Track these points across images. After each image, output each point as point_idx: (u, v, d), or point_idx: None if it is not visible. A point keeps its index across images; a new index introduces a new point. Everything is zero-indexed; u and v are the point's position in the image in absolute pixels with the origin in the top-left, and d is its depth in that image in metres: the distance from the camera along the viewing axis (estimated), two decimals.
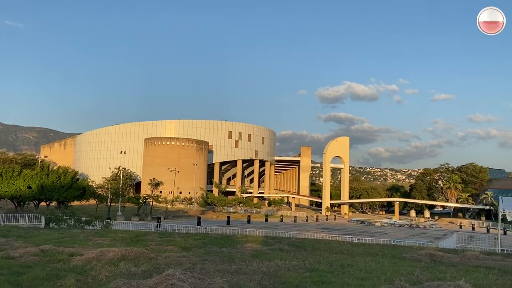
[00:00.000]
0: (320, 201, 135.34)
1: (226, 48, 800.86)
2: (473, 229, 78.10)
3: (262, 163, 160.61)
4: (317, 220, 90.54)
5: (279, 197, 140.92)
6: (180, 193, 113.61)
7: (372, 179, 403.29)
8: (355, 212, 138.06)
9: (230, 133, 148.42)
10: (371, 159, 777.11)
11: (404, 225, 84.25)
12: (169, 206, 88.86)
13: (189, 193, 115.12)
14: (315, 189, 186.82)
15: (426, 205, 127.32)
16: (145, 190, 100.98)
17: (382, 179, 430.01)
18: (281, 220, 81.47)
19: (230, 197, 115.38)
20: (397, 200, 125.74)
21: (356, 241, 31.22)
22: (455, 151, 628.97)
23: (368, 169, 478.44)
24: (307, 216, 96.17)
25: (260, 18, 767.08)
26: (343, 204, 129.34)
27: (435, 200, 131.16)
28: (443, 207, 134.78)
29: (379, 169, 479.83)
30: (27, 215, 40.12)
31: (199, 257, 15.43)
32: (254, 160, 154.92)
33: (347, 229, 60.04)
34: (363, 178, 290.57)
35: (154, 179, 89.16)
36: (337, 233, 43.19)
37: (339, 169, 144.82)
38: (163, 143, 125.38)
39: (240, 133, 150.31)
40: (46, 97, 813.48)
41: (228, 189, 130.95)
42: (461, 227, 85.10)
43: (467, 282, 10.55)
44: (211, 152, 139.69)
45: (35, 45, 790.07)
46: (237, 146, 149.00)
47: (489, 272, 14.10)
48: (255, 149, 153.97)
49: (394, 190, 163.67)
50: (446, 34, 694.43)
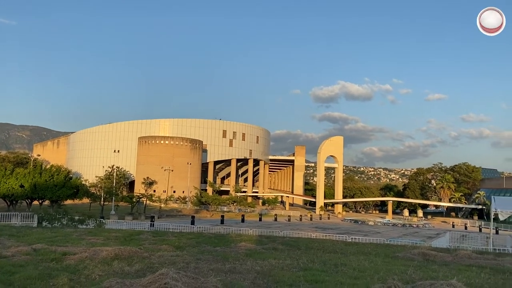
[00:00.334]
0: (314, 200, 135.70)
1: (220, 48, 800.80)
2: (466, 228, 78.77)
3: (256, 162, 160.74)
4: (311, 219, 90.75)
5: (273, 196, 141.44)
6: (174, 192, 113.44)
7: (365, 178, 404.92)
8: (348, 212, 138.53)
9: (225, 132, 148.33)
10: (365, 158, 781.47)
11: (398, 224, 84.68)
12: (163, 205, 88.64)
13: (183, 192, 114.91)
14: (309, 189, 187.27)
15: (419, 204, 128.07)
16: (139, 189, 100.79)
17: (375, 178, 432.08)
18: (275, 219, 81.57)
19: (224, 196, 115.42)
20: (390, 199, 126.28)
21: (350, 240, 31.31)
22: (448, 150, 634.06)
23: (362, 168, 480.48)
24: (301, 215, 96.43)
25: (255, 19, 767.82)
26: (337, 203, 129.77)
27: (428, 199, 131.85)
28: (436, 206, 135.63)
29: (372, 169, 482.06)
30: (19, 214, 39.81)
31: (193, 256, 15.40)
32: (248, 159, 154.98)
33: (341, 228, 60.25)
34: (357, 177, 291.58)
35: (147, 178, 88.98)
36: (331, 232, 43.28)
37: (333, 168, 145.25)
38: (157, 142, 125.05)
39: (234, 132, 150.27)
40: (39, 95, 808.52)
41: (222, 188, 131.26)
42: (453, 226, 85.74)
43: (460, 281, 10.60)
44: (205, 151, 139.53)
45: (28, 43, 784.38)
46: (231, 145, 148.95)
47: (481, 271, 14.19)
48: (250, 148, 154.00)
49: (388, 189, 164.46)
50: (440, 35, 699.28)
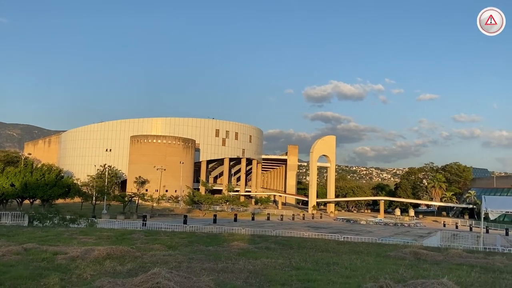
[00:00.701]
0: (306, 199, 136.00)
1: (213, 47, 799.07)
2: (457, 227, 79.43)
3: (249, 161, 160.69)
4: (303, 218, 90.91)
5: (266, 196, 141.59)
6: (166, 191, 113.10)
7: (358, 177, 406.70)
8: (341, 211, 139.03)
9: (217, 131, 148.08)
10: (357, 158, 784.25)
11: (389, 223, 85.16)
12: (155, 205, 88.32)
13: (176, 191, 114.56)
14: (302, 188, 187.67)
15: (410, 203, 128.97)
16: (131, 188, 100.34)
17: (367, 178, 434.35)
18: (268, 219, 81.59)
19: (217, 196, 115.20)
20: (382, 198, 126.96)
21: (342, 239, 31.44)
22: (439, 150, 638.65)
23: (354, 168, 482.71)
24: (293, 215, 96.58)
25: (248, 20, 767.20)
26: (329, 202, 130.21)
27: (419, 199, 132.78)
28: (427, 205, 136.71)
29: (365, 168, 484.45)
30: (10, 213, 39.45)
31: (185, 255, 15.37)
32: (241, 158, 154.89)
33: (333, 228, 60.43)
34: (349, 177, 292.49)
35: (140, 177, 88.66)
36: (323, 232, 43.40)
37: (326, 167, 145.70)
38: (149, 141, 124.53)
39: (227, 132, 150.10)
40: (30, 93, 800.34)
41: (215, 188, 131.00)
42: (444, 225, 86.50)
43: (450, 279, 10.69)
44: (198, 150, 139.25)
45: (18, 41, 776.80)
46: (224, 144, 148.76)
47: (471, 270, 14.32)
48: (242, 147, 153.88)
49: (380, 189, 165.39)
50: (432, 35, 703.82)
